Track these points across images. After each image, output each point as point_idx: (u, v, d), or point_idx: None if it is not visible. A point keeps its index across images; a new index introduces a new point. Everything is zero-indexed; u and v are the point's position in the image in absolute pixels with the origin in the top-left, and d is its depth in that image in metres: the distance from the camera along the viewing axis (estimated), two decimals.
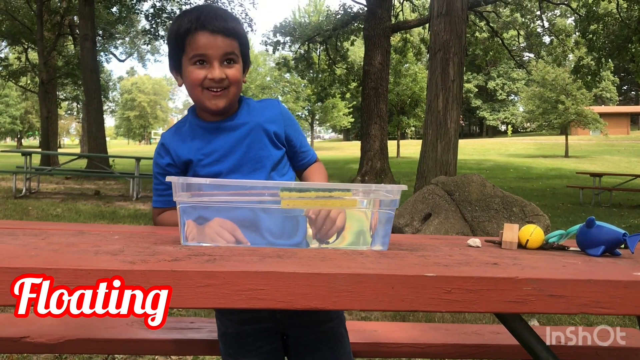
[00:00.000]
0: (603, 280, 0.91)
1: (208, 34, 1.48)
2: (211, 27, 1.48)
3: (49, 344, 1.76)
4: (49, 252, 0.96)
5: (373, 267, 0.92)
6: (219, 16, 1.50)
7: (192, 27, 1.48)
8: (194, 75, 1.51)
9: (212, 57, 1.50)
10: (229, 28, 1.50)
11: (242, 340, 1.52)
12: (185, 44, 1.51)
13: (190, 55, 1.50)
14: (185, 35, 1.49)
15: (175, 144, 1.59)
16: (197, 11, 1.51)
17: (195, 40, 1.49)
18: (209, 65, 1.50)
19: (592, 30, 16.82)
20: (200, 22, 1.47)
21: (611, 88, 50.37)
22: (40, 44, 20.14)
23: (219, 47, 1.49)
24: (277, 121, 1.65)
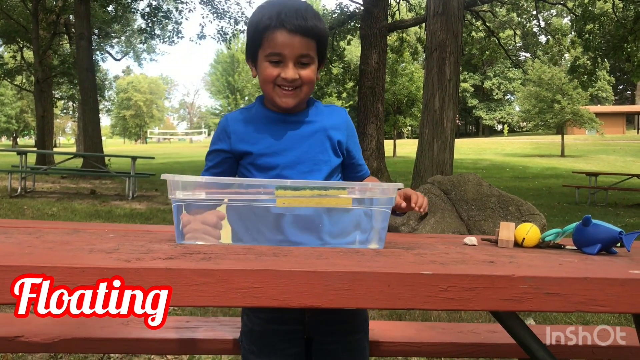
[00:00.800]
0: (599, 278, 0.91)
1: (286, 33, 1.46)
2: (290, 26, 1.46)
3: (44, 343, 1.75)
4: (43, 250, 0.95)
5: (369, 265, 0.92)
6: (299, 14, 1.47)
7: (271, 24, 1.46)
8: (267, 72, 1.50)
9: (288, 57, 1.48)
10: (308, 28, 1.48)
11: (268, 339, 1.52)
12: (262, 40, 1.50)
13: (266, 52, 1.49)
14: (264, 31, 1.48)
15: (238, 128, 1.58)
16: (279, 6, 1.49)
17: (273, 38, 1.47)
18: (284, 64, 1.49)
19: (588, 29, 16.86)
20: (280, 20, 1.45)
21: (607, 88, 50.50)
22: (35, 43, 20.08)
23: (296, 47, 1.48)
24: (341, 129, 1.64)
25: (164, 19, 21.89)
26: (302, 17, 1.47)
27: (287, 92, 1.52)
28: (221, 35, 21.88)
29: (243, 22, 22.02)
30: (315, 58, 1.54)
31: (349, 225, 1.22)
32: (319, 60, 1.57)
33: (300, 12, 1.48)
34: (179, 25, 22.85)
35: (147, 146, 62.26)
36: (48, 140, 21.40)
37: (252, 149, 1.54)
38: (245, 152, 1.55)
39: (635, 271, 0.97)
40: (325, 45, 1.57)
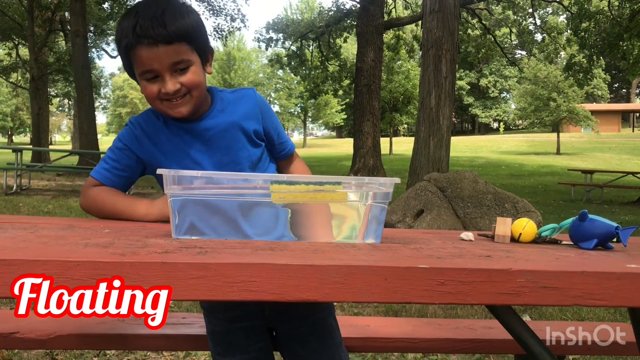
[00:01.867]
0: (596, 272, 0.90)
1: (147, 48, 1.34)
2: (148, 39, 1.33)
3: (39, 339, 1.74)
4: (37, 244, 0.95)
5: (365, 259, 0.92)
6: (156, 22, 1.34)
7: (129, 42, 1.35)
8: (148, 91, 1.41)
9: (161, 70, 1.38)
10: (169, 35, 1.34)
11: (231, 338, 1.51)
12: (130, 59, 1.40)
13: (139, 71, 1.40)
14: (127, 50, 1.37)
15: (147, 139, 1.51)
16: (134, 18, 1.35)
17: (138, 57, 1.37)
18: (160, 77, 1.39)
19: (584, 27, 16.89)
20: (137, 35, 1.33)
21: (602, 86, 50.63)
22: (30, 40, 20.03)
23: (163, 58, 1.36)
24: (254, 116, 1.56)
25: None
26: (160, 24, 1.34)
27: (176, 103, 1.43)
28: (217, 32, 21.87)
29: (239, 20, 22.01)
30: (193, 58, 1.42)
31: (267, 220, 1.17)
32: (201, 55, 1.45)
33: (157, 18, 1.34)
34: None
35: None
36: (44, 138, 21.35)
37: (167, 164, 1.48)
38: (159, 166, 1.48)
39: (632, 265, 0.97)
40: (200, 39, 1.44)
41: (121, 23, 1.39)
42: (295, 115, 53.05)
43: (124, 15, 1.41)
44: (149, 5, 1.37)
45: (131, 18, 1.36)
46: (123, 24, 1.38)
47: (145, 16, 1.34)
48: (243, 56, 58.00)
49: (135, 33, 1.33)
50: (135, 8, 1.39)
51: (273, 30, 23.96)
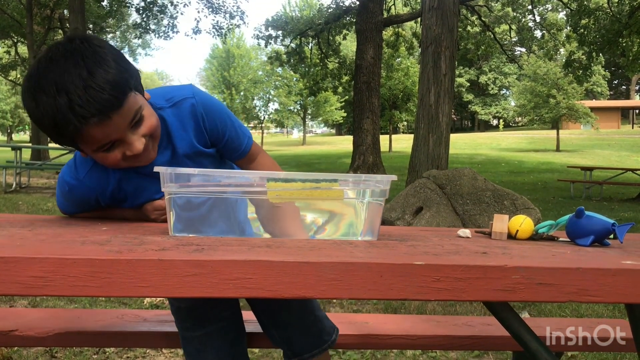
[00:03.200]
0: (592, 269, 0.91)
1: (99, 125, 1.15)
2: (98, 116, 1.13)
3: (38, 337, 1.75)
4: (35, 242, 0.95)
5: (362, 256, 0.92)
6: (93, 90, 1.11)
7: (75, 127, 1.13)
8: (110, 160, 1.25)
9: (120, 137, 1.22)
10: (116, 97, 1.15)
11: (198, 311, 1.50)
12: (76, 142, 1.21)
13: (93, 148, 1.22)
14: (71, 135, 1.17)
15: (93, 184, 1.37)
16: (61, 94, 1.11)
17: (90, 136, 1.17)
18: (119, 143, 1.23)
19: (583, 24, 16.88)
20: (80, 116, 1.11)
21: (602, 82, 50.61)
22: (30, 38, 20.00)
23: (120, 124, 1.19)
24: (199, 132, 1.41)
25: (159, 13, 21.79)
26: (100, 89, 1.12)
27: (141, 155, 1.28)
28: (216, 30, 21.84)
29: (238, 17, 21.97)
30: (140, 100, 1.25)
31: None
32: (140, 90, 1.28)
33: (92, 87, 1.12)
34: (174, 19, 22.77)
35: None
36: (43, 136, 21.29)
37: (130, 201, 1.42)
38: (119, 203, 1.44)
39: (628, 262, 0.97)
40: (133, 76, 1.24)
41: (41, 101, 1.13)
42: (295, 112, 53.01)
43: (36, 87, 1.14)
44: (64, 69, 1.13)
45: (56, 94, 1.11)
46: (47, 102, 1.12)
47: (74, 87, 1.11)
48: (242, 53, 57.89)
49: (76, 114, 1.11)
50: (49, 77, 1.13)
51: (272, 27, 23.91)
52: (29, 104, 1.17)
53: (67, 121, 1.12)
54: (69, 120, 1.11)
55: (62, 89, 1.11)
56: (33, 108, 1.16)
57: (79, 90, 1.10)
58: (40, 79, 1.13)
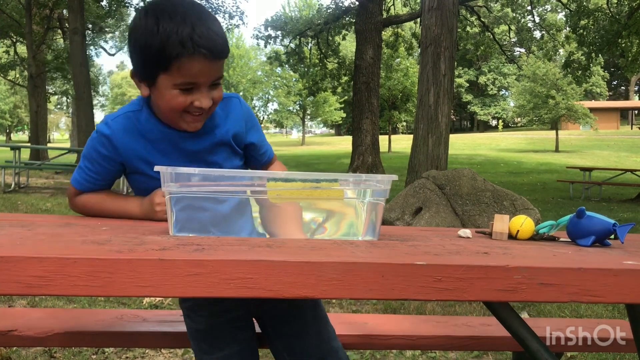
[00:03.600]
0: (593, 269, 0.91)
1: (203, 60, 1.26)
2: (208, 52, 1.25)
3: (37, 337, 1.74)
4: (34, 241, 0.95)
5: (363, 256, 0.92)
6: (213, 33, 1.26)
7: (184, 51, 1.23)
8: (177, 101, 1.31)
9: (203, 84, 1.31)
10: (225, 49, 1.30)
11: (216, 333, 1.49)
12: (171, 66, 1.26)
13: (176, 80, 1.28)
14: (175, 57, 1.25)
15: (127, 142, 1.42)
16: (188, 23, 1.24)
17: (189, 67, 1.26)
18: (197, 90, 1.31)
19: (583, 25, 16.88)
20: (196, 45, 1.23)
21: (601, 83, 50.62)
22: (29, 38, 19.98)
23: (213, 73, 1.30)
24: (240, 130, 1.50)
25: None
26: (217, 34, 1.27)
27: (197, 117, 1.36)
28: None
29: (238, 17, 21.97)
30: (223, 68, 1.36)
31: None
32: None
33: (214, 29, 1.27)
34: None
35: None
36: (42, 136, 21.31)
37: (151, 171, 1.35)
38: (143, 173, 1.43)
39: (629, 262, 0.97)
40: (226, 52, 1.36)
41: (162, 20, 1.24)
42: (294, 112, 53.01)
43: (163, 12, 1.26)
44: (194, 12, 1.27)
45: (181, 19, 1.24)
46: (169, 26, 1.23)
47: (202, 24, 1.25)
48: (242, 54, 57.91)
49: (194, 41, 1.23)
50: (183, 14, 1.25)
51: (272, 27, 23.90)
52: (146, 24, 1.26)
53: (181, 45, 1.22)
54: (183, 44, 1.22)
55: (189, 20, 1.24)
56: (150, 29, 1.25)
57: (202, 27, 1.24)
58: (169, 8, 1.26)
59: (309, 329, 1.51)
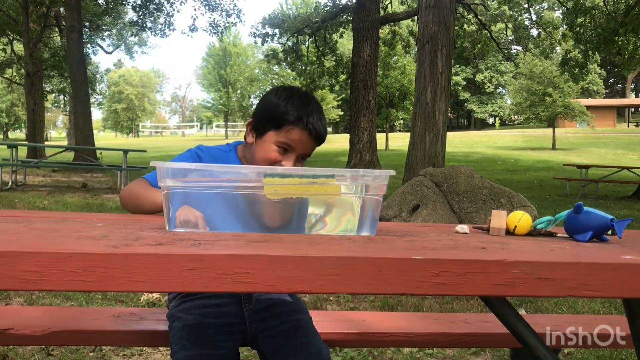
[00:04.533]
0: (591, 263, 0.90)
1: (307, 136, 1.55)
2: (313, 132, 1.55)
3: (34, 335, 1.74)
4: (30, 237, 0.94)
5: (360, 250, 0.91)
6: (322, 124, 1.58)
7: (298, 123, 1.54)
8: (272, 155, 1.56)
9: (295, 151, 1.57)
10: (323, 139, 1.61)
11: (203, 332, 1.51)
12: (282, 127, 1.55)
13: (280, 139, 1.56)
14: (288, 123, 1.54)
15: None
16: (309, 109, 1.56)
17: (294, 135, 1.55)
18: (289, 154, 1.57)
19: (579, 23, 16.88)
20: (306, 123, 1.54)
21: (598, 81, 50.66)
22: (25, 36, 19.90)
23: (308, 148, 1.59)
24: None
25: (155, 11, 21.73)
26: (324, 127, 1.59)
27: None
28: (213, 27, 21.79)
29: (235, 15, 21.92)
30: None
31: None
32: None
33: (323, 122, 1.59)
34: (170, 17, 22.73)
35: (139, 140, 61.99)
36: (39, 134, 21.25)
37: None
38: None
39: (627, 256, 0.97)
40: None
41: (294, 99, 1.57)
42: None
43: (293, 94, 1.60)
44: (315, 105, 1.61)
45: (303, 101, 1.57)
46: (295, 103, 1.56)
47: (316, 114, 1.58)
48: (239, 51, 57.86)
49: (307, 119, 1.54)
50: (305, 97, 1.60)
51: (269, 25, 23.86)
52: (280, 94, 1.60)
53: (299, 118, 1.54)
54: (300, 119, 1.54)
55: (311, 107, 1.58)
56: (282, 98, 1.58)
57: (317, 116, 1.58)
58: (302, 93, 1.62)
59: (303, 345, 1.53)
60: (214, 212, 1.16)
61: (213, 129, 71.17)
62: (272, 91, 1.66)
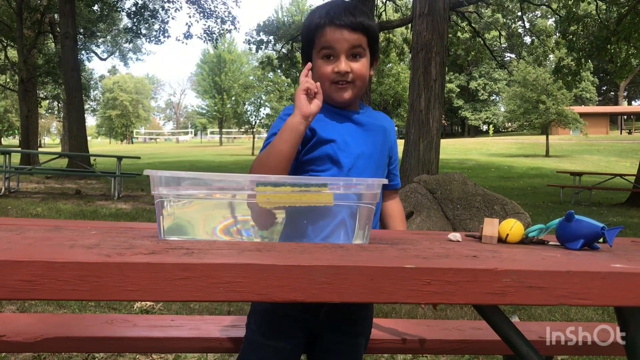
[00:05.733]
0: (581, 272, 0.91)
1: (334, 28, 1.54)
2: (338, 21, 1.53)
3: (27, 342, 1.73)
4: (22, 245, 0.94)
5: (352, 259, 0.92)
6: (347, 11, 1.55)
7: (321, 22, 1.55)
8: (322, 70, 1.57)
9: (339, 51, 1.55)
10: (356, 22, 1.55)
11: (280, 323, 1.52)
12: (315, 38, 1.57)
13: (318, 49, 1.57)
14: (316, 30, 1.56)
15: None
16: (327, 7, 1.58)
17: (324, 34, 1.55)
18: (336, 59, 1.55)
19: (572, 31, 17.01)
20: (329, 17, 1.54)
21: (591, 88, 50.97)
22: (19, 42, 19.88)
23: (346, 40, 1.54)
24: (392, 137, 1.74)
25: (150, 18, 21.75)
26: (350, 13, 1.55)
27: (342, 86, 1.57)
28: (208, 34, 21.81)
29: (230, 22, 21.96)
30: (367, 52, 1.59)
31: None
32: (371, 54, 1.62)
33: (348, 9, 1.56)
34: (165, 24, 22.73)
35: (133, 146, 61.88)
36: (33, 140, 21.19)
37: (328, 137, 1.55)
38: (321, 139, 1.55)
39: (617, 265, 0.98)
40: (375, 42, 1.62)
41: (313, 12, 1.62)
42: None
43: (314, 8, 1.65)
44: (340, 2, 1.60)
45: (324, 7, 1.58)
46: (316, 11, 1.60)
47: (338, 6, 1.56)
48: (234, 58, 57.92)
49: (328, 15, 1.54)
50: (328, 3, 1.60)
51: (264, 32, 23.91)
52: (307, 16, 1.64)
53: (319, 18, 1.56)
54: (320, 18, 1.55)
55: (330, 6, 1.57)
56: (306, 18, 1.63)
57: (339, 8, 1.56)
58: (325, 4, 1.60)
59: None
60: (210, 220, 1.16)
61: (207, 136, 71.13)
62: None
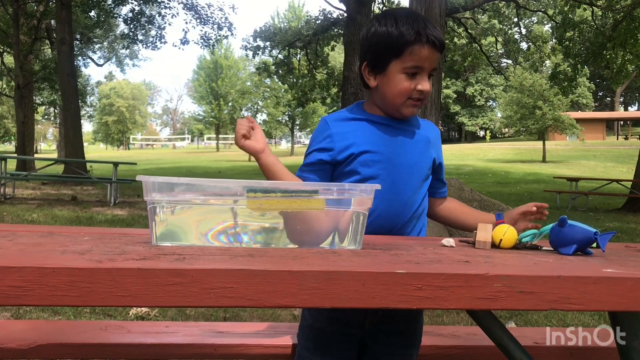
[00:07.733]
0: (573, 277, 0.91)
1: (430, 48, 1.49)
2: (435, 41, 1.49)
3: (20, 349, 1.73)
4: (14, 251, 0.94)
5: (344, 264, 0.92)
6: (437, 32, 1.51)
7: (418, 39, 1.47)
8: (403, 85, 1.51)
9: (425, 70, 1.52)
10: (442, 42, 1.53)
11: (326, 338, 1.51)
12: (404, 52, 1.49)
13: (406, 65, 1.50)
14: (408, 44, 1.48)
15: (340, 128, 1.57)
16: (417, 20, 1.50)
17: (419, 52, 1.49)
18: (419, 76, 1.51)
19: (568, 37, 17.07)
20: (426, 35, 1.48)
21: (587, 94, 51.10)
22: (16, 48, 19.88)
23: (434, 60, 1.52)
24: (437, 145, 1.69)
25: (146, 24, 21.78)
26: (440, 33, 1.52)
27: (414, 104, 1.55)
28: (204, 40, 21.84)
29: (226, 28, 21.99)
30: (437, 62, 1.58)
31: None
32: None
33: (437, 30, 1.52)
34: (162, 30, 22.78)
35: (130, 152, 61.80)
36: (29, 146, 21.15)
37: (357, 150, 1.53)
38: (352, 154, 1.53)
39: (609, 270, 0.98)
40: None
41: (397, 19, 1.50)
42: (283, 123, 53.08)
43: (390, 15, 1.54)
44: (422, 18, 1.53)
45: (411, 18, 1.50)
46: (401, 22, 1.49)
47: (429, 24, 1.50)
48: (230, 64, 57.95)
49: (426, 32, 1.47)
50: (412, 14, 1.54)
51: (260, 38, 23.93)
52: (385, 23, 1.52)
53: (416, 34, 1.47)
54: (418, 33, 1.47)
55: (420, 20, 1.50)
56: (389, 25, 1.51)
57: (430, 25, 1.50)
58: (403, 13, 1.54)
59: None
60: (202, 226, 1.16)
61: (204, 142, 71.12)
62: (373, 24, 1.57)
